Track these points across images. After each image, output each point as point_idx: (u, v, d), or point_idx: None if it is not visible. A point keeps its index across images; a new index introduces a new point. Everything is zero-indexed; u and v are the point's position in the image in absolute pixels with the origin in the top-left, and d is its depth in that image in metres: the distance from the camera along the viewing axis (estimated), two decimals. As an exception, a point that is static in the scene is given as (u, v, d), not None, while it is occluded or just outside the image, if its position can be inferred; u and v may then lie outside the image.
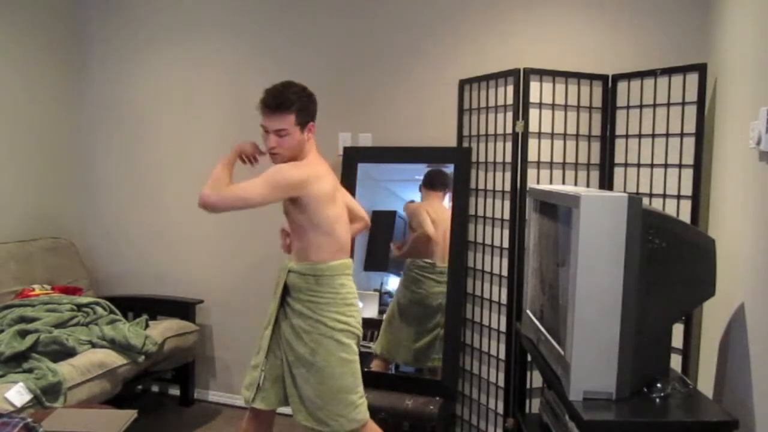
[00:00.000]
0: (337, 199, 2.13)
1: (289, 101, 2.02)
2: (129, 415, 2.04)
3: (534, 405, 2.45)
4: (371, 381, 2.73)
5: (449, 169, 2.75)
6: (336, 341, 2.06)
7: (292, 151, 2.07)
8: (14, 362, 2.41)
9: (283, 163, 2.06)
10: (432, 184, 2.81)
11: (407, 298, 2.79)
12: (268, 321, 2.15)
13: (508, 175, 2.53)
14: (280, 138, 2.04)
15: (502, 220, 2.57)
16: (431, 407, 2.52)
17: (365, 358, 2.82)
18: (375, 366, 2.80)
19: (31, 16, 3.32)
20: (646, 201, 1.84)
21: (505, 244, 2.54)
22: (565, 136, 2.51)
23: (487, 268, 2.66)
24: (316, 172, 2.06)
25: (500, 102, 2.57)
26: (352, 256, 2.30)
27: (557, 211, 1.76)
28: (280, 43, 3.20)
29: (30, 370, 2.37)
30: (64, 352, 2.52)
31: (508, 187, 2.53)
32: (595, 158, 2.56)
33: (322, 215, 2.06)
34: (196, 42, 3.36)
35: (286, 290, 2.11)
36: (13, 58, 3.22)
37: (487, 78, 2.65)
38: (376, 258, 2.92)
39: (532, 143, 2.47)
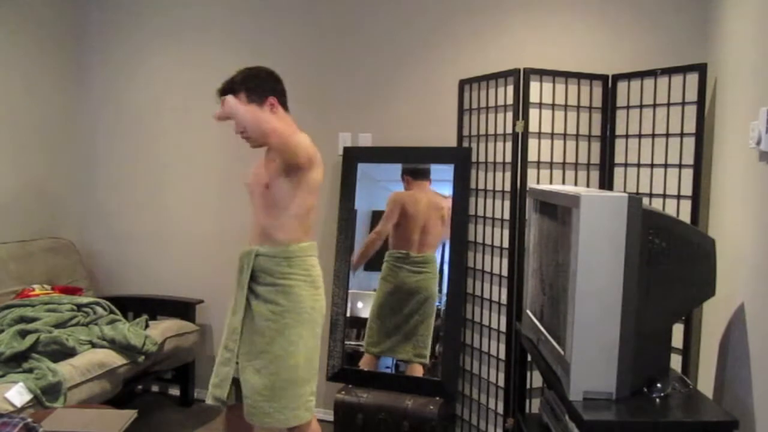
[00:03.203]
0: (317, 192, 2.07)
1: (234, 84, 2.04)
2: (129, 415, 2.04)
3: (534, 405, 2.45)
4: (371, 381, 2.74)
5: (449, 168, 2.75)
6: (302, 327, 1.96)
7: (257, 130, 1.98)
8: (14, 362, 2.41)
9: (256, 145, 2.05)
10: (414, 173, 2.83)
11: (384, 289, 2.81)
12: (234, 310, 2.03)
13: (508, 175, 2.53)
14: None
15: (502, 220, 2.57)
16: (431, 407, 2.52)
17: (356, 356, 2.82)
18: (363, 363, 2.81)
19: (31, 16, 3.32)
20: (646, 201, 1.84)
21: (505, 244, 2.54)
22: (565, 136, 2.51)
23: (487, 268, 2.66)
24: (319, 156, 2.02)
25: (500, 102, 2.57)
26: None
27: (557, 211, 1.76)
28: (279, 44, 3.20)
29: (30, 370, 2.37)
30: (64, 352, 2.52)
31: (508, 187, 2.53)
32: (595, 158, 2.56)
33: (302, 199, 2.00)
34: (196, 42, 3.36)
35: (251, 276, 2.00)
36: (13, 59, 3.22)
37: (487, 78, 2.65)
38: (376, 258, 2.92)
39: (532, 143, 2.47)
